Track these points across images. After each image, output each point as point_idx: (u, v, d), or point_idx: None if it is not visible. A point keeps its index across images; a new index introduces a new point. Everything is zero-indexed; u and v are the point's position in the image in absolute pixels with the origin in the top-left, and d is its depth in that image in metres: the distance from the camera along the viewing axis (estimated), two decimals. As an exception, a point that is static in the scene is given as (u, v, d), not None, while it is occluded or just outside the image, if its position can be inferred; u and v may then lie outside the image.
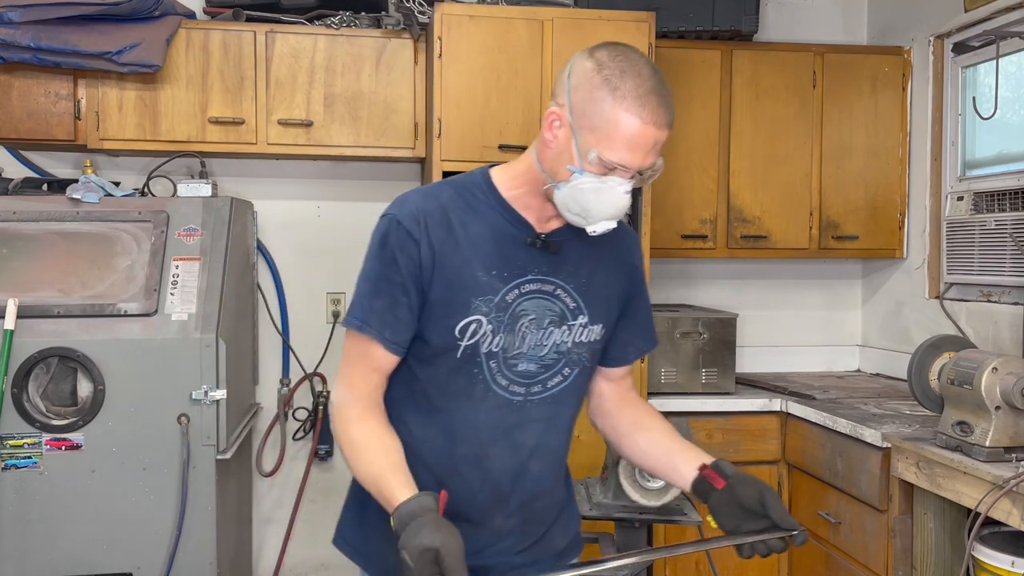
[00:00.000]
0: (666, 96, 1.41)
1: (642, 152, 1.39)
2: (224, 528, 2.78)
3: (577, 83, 1.42)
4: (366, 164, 3.56)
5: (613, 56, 1.42)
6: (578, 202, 1.42)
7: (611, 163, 1.39)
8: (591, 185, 1.41)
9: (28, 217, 2.75)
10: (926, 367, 2.50)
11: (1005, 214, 3.06)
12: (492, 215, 1.52)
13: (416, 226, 1.48)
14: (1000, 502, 2.09)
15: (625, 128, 1.37)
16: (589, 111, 1.39)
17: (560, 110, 1.43)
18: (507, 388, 1.53)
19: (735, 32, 3.45)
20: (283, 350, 3.55)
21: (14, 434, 2.54)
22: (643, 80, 1.40)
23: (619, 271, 1.63)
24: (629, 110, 1.37)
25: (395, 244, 1.48)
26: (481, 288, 1.48)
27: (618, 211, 1.43)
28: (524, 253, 1.52)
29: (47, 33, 2.85)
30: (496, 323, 1.49)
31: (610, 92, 1.38)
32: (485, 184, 1.54)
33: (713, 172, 3.50)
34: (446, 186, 1.55)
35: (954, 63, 3.42)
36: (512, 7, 3.10)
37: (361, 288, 1.52)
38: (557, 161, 1.44)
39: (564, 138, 1.42)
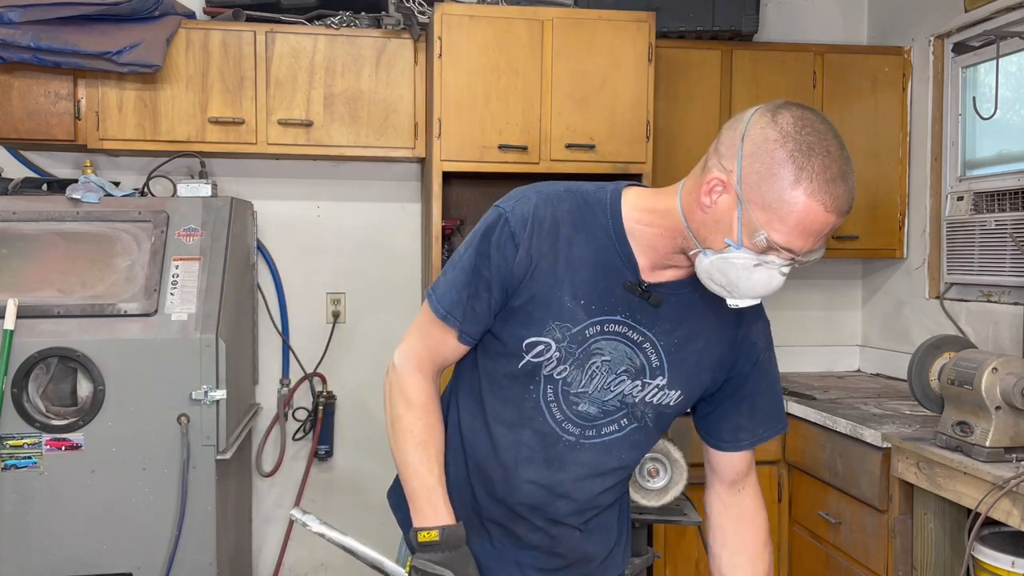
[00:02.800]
0: (851, 178, 1.26)
1: (814, 239, 1.26)
2: (224, 528, 2.78)
3: (754, 151, 1.25)
4: (366, 164, 3.56)
5: (800, 127, 1.24)
6: (726, 276, 1.30)
7: (778, 246, 1.25)
8: (745, 262, 1.28)
9: (28, 217, 2.75)
10: (926, 367, 2.50)
11: (1005, 214, 3.06)
12: (603, 241, 1.40)
13: (522, 230, 1.38)
14: (1000, 502, 2.09)
15: (805, 215, 1.22)
16: (765, 187, 1.23)
17: (727, 177, 1.27)
18: (561, 424, 1.46)
19: (735, 32, 3.45)
20: (283, 350, 3.55)
21: (14, 434, 2.54)
22: (831, 161, 1.23)
23: (723, 342, 1.49)
24: (814, 196, 1.22)
25: (496, 240, 1.39)
26: (562, 314, 1.40)
27: (770, 292, 1.31)
28: (621, 292, 1.41)
29: (47, 33, 2.85)
30: (565, 353, 1.42)
31: (795, 171, 1.22)
32: (611, 205, 1.42)
33: (713, 172, 3.49)
34: (569, 195, 1.43)
35: (954, 63, 3.42)
36: (512, 7, 3.10)
37: (453, 273, 1.45)
38: (712, 229, 1.30)
39: (725, 207, 1.28)
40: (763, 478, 3.24)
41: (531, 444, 1.47)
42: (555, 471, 1.48)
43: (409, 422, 1.47)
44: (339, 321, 3.59)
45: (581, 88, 3.08)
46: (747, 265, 1.28)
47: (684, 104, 3.44)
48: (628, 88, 3.10)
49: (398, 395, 1.49)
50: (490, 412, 1.49)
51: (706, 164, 1.32)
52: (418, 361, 1.49)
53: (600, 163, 3.11)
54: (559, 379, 1.43)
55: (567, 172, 3.13)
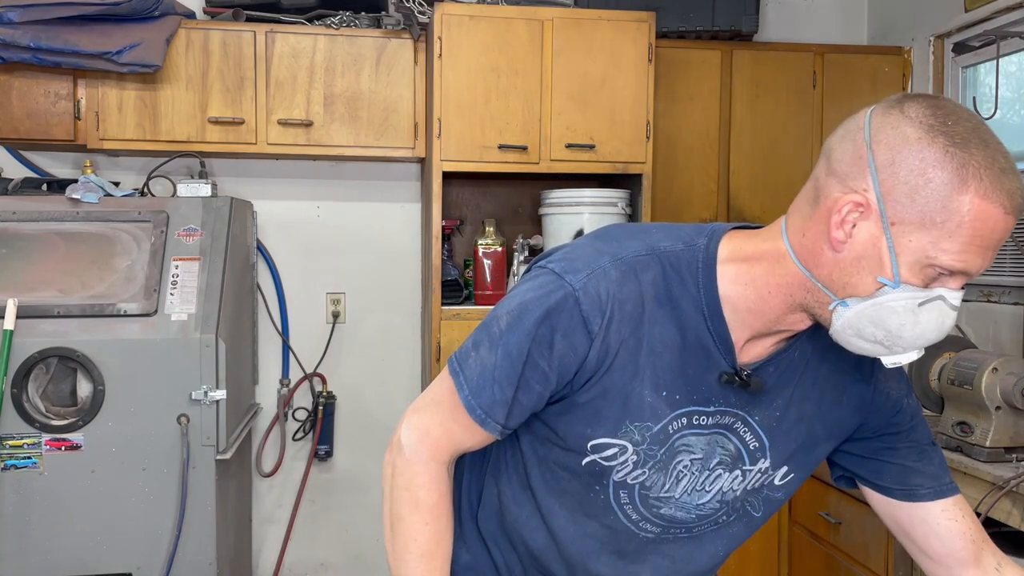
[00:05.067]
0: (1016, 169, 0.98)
1: (992, 251, 0.98)
2: (224, 528, 2.78)
3: (892, 158, 0.97)
4: (366, 164, 3.56)
5: (943, 116, 0.97)
6: (884, 327, 1.00)
7: (948, 269, 0.97)
8: (908, 303, 0.99)
9: (28, 217, 2.75)
10: (926, 367, 2.50)
11: (1005, 214, 3.06)
12: (693, 317, 1.10)
13: (599, 316, 1.07)
14: (1000, 502, 2.09)
15: (981, 223, 0.94)
16: (921, 198, 0.95)
17: (863, 197, 0.98)
18: (637, 524, 1.20)
19: (735, 32, 3.45)
20: (283, 350, 3.55)
21: (14, 434, 2.54)
22: (994, 151, 0.96)
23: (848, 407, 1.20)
24: (987, 197, 0.94)
25: (562, 326, 1.08)
26: (641, 412, 1.11)
27: (942, 335, 1.04)
28: (713, 382, 1.12)
29: (47, 33, 2.85)
30: (645, 456, 1.13)
31: (957, 171, 0.94)
32: (703, 269, 1.10)
33: (713, 172, 3.50)
34: (653, 260, 1.10)
35: (954, 63, 3.42)
36: (512, 7, 3.10)
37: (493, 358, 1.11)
38: (852, 270, 1.00)
39: (868, 238, 0.98)
40: (763, 478, 3.25)
41: (600, 536, 1.21)
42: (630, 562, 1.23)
43: (414, 528, 1.17)
44: (339, 321, 3.59)
45: (581, 88, 3.08)
46: (910, 307, 0.99)
47: (684, 104, 3.44)
48: (628, 88, 3.10)
49: (403, 489, 1.18)
50: (543, 504, 1.21)
51: (819, 193, 1.03)
52: (433, 448, 1.18)
53: (600, 163, 3.11)
54: (634, 484, 1.16)
55: (567, 172, 3.13)
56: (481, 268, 3.19)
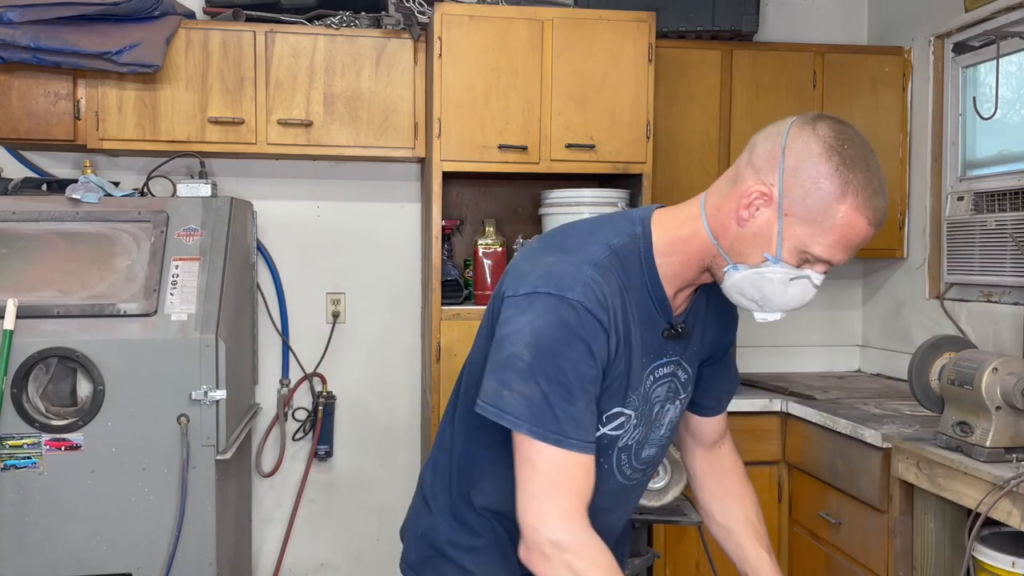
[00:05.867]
0: (887, 191, 1.26)
1: (852, 251, 1.26)
2: (224, 528, 2.77)
3: (796, 164, 1.23)
4: (366, 164, 3.56)
5: (842, 140, 1.23)
6: (760, 290, 1.29)
7: (817, 259, 1.26)
8: (782, 276, 1.27)
9: (28, 217, 2.75)
10: (926, 367, 2.50)
11: (1005, 214, 3.06)
12: (643, 295, 1.35)
13: (605, 315, 1.27)
14: (1000, 502, 2.09)
15: (850, 228, 1.23)
16: (810, 201, 1.22)
17: (769, 190, 1.25)
18: (629, 476, 1.45)
19: (735, 32, 3.45)
20: (283, 350, 3.55)
21: (14, 434, 2.54)
22: (872, 174, 1.23)
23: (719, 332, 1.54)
24: (859, 209, 1.22)
25: (589, 336, 1.25)
26: (634, 380, 1.35)
27: (802, 304, 1.32)
28: (660, 338, 1.39)
29: (47, 33, 2.85)
30: (640, 416, 1.39)
31: (840, 185, 1.21)
32: (645, 252, 1.35)
33: (713, 172, 3.49)
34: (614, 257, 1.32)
35: (954, 63, 3.42)
36: (512, 7, 3.10)
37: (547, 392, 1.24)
38: (748, 243, 1.28)
39: (765, 221, 1.26)
40: (763, 478, 3.25)
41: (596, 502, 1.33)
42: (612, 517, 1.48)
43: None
44: (339, 321, 3.59)
45: (581, 88, 3.08)
46: (783, 279, 1.27)
47: (684, 104, 3.44)
48: (628, 88, 3.10)
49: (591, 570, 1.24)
50: None
51: (737, 178, 1.29)
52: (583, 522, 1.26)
53: (600, 163, 3.11)
54: (631, 443, 1.41)
55: (567, 172, 3.13)
56: (481, 268, 3.19)
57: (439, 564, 1.47)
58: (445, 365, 3.03)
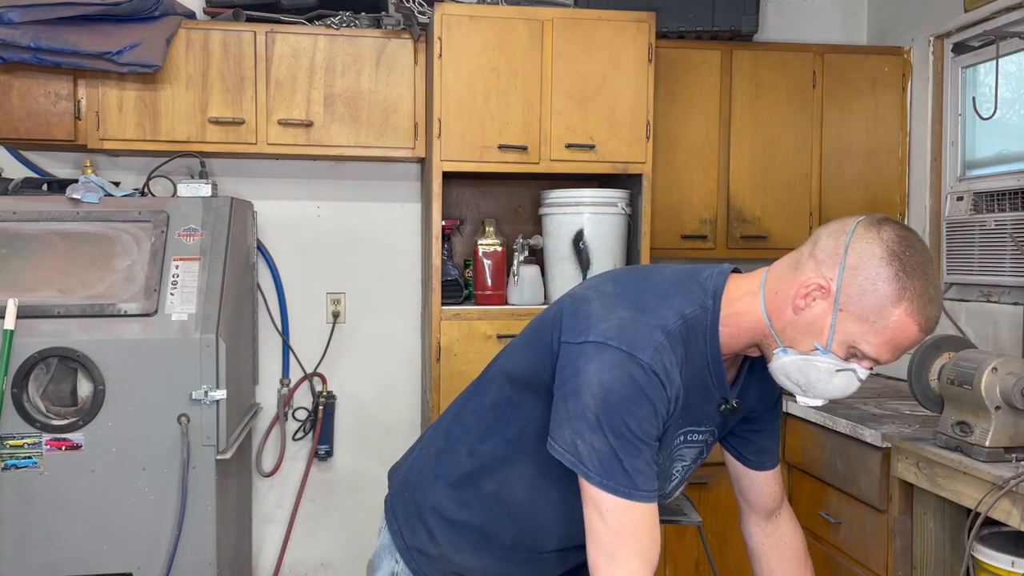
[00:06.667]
0: (941, 299, 1.33)
1: (900, 354, 1.32)
2: (224, 528, 2.78)
3: (858, 264, 1.29)
4: (366, 164, 3.57)
5: (905, 246, 1.28)
6: (806, 376, 1.35)
7: (864, 355, 1.32)
8: (829, 367, 1.33)
9: (28, 217, 2.75)
10: (926, 367, 2.50)
11: (1005, 214, 3.06)
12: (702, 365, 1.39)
13: (669, 382, 1.31)
14: (1000, 502, 2.09)
15: (901, 332, 1.28)
16: (865, 302, 1.28)
17: (827, 284, 1.30)
18: None
19: (735, 32, 3.45)
20: (283, 350, 3.55)
21: (14, 434, 2.54)
22: (930, 284, 1.28)
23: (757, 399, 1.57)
24: (912, 315, 1.27)
25: (655, 397, 1.30)
26: (667, 440, 1.40)
27: (844, 396, 1.37)
28: (711, 410, 1.44)
29: (47, 33, 2.85)
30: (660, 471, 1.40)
31: (898, 290, 1.27)
32: (712, 325, 1.38)
33: (713, 172, 3.50)
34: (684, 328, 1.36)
35: (954, 63, 3.42)
36: (512, 7, 3.10)
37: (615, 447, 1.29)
38: (801, 331, 1.33)
39: (819, 313, 1.32)
40: (763, 478, 3.25)
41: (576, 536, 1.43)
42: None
43: None
44: (339, 321, 3.59)
45: (581, 88, 3.08)
46: (830, 369, 1.33)
47: (684, 104, 3.44)
48: (628, 88, 3.10)
49: None
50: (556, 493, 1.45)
51: (799, 266, 1.35)
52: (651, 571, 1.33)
53: (600, 163, 3.12)
54: None
55: (567, 172, 3.13)
56: (481, 268, 3.19)
57: (414, 522, 1.57)
58: (445, 365, 3.03)
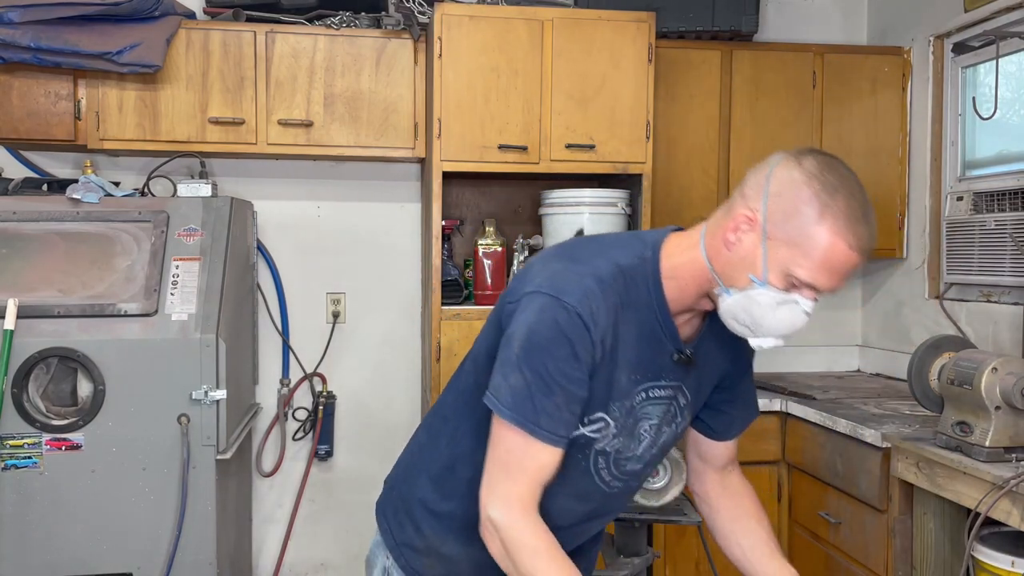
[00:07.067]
0: (873, 220, 1.31)
1: (838, 277, 1.31)
2: (224, 528, 2.78)
3: (779, 190, 1.30)
4: (366, 164, 3.56)
5: (823, 168, 1.30)
6: (750, 314, 1.34)
7: (801, 282, 1.30)
8: (770, 300, 1.32)
9: (28, 217, 2.75)
10: (926, 367, 2.50)
11: (1005, 214, 3.06)
12: (648, 315, 1.40)
13: (595, 326, 1.33)
14: (1000, 502, 2.09)
15: (830, 251, 1.27)
16: (790, 224, 1.28)
17: (753, 215, 1.31)
18: (608, 483, 1.50)
19: (735, 32, 3.45)
20: (283, 350, 3.55)
21: (14, 434, 2.54)
22: (854, 201, 1.28)
23: (729, 360, 1.57)
24: (838, 233, 1.27)
25: (576, 339, 1.32)
26: (621, 391, 1.41)
27: (793, 331, 1.37)
28: (666, 362, 1.44)
29: (47, 33, 2.85)
30: (620, 427, 1.43)
31: (819, 210, 1.27)
32: (652, 274, 1.40)
33: (713, 172, 3.50)
34: (620, 276, 1.38)
35: (954, 63, 3.42)
36: (512, 7, 3.10)
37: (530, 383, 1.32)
38: (736, 267, 1.34)
39: (750, 244, 1.32)
40: (763, 478, 3.25)
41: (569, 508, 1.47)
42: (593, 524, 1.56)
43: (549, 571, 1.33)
44: (339, 321, 3.59)
45: (581, 88, 3.08)
46: (771, 303, 1.32)
47: (684, 104, 3.44)
48: (628, 88, 3.10)
49: (520, 551, 1.34)
50: None
51: (730, 207, 1.36)
52: (522, 507, 1.35)
53: (600, 163, 3.12)
54: (611, 451, 1.45)
55: (567, 172, 3.13)
56: (481, 268, 3.19)
57: (402, 518, 1.59)
58: (445, 365, 3.03)
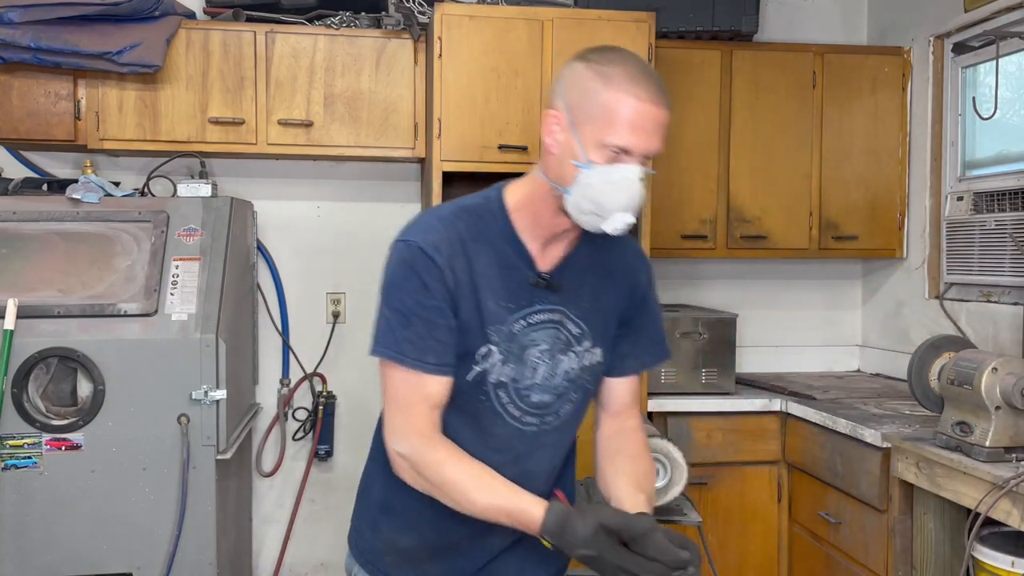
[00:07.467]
0: (658, 78, 1.43)
1: (645, 133, 1.40)
2: (224, 528, 2.78)
3: (569, 83, 1.44)
4: (366, 164, 3.56)
5: (600, 52, 1.45)
6: (590, 199, 1.40)
7: (616, 147, 1.38)
8: (600, 177, 1.39)
9: (28, 217, 2.75)
10: (926, 367, 2.50)
11: (1005, 214, 3.06)
12: (501, 246, 1.50)
13: (438, 254, 1.44)
14: (1000, 502, 2.09)
15: (625, 107, 1.38)
16: (585, 103, 1.40)
17: (557, 112, 1.44)
18: (520, 419, 1.54)
19: (735, 32, 3.45)
20: (283, 350, 3.55)
21: (14, 434, 2.54)
22: (631, 66, 1.42)
23: (621, 292, 1.62)
24: (624, 90, 1.38)
25: (422, 270, 1.44)
26: (493, 317, 1.48)
27: (632, 200, 1.41)
28: (529, 287, 1.51)
29: (47, 33, 2.85)
30: (506, 353, 1.49)
31: (602, 80, 1.40)
32: (498, 210, 1.52)
33: (713, 172, 3.50)
34: (462, 213, 1.51)
35: (954, 63, 3.42)
36: (512, 7, 3.10)
37: (389, 318, 1.47)
38: (562, 163, 1.43)
39: (565, 138, 1.42)
40: (763, 478, 3.25)
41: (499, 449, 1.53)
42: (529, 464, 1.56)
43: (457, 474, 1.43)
44: (339, 321, 3.59)
45: (581, 88, 3.08)
46: (601, 180, 1.39)
47: (684, 104, 3.44)
48: (628, 88, 3.10)
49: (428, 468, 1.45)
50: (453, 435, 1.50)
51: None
52: (419, 433, 1.46)
53: (600, 163, 3.11)
54: (507, 381, 1.51)
55: (567, 172, 3.13)
56: (481, 268, 3.19)
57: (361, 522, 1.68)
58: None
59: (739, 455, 3.23)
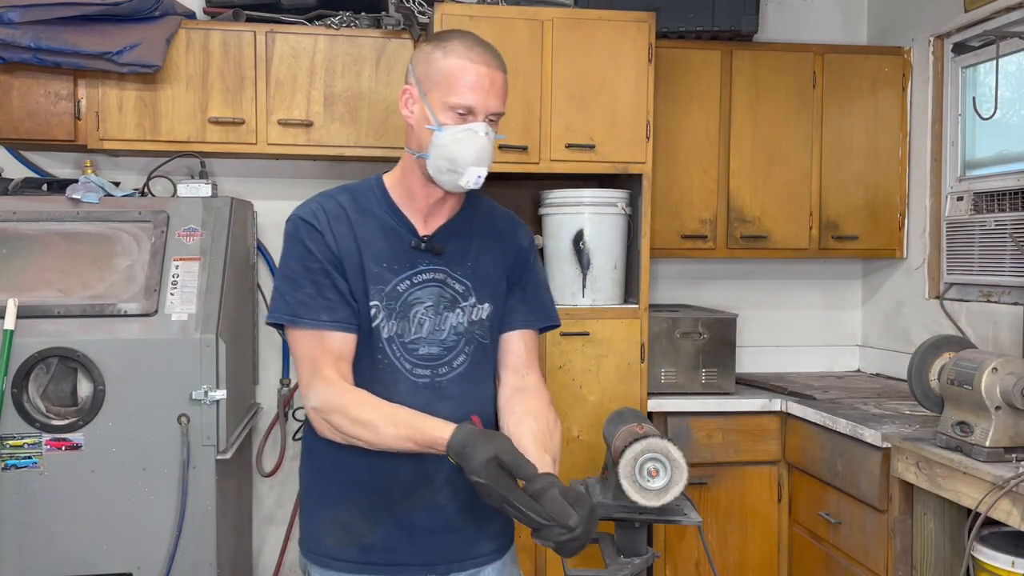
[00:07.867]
0: (490, 46, 1.65)
1: (483, 91, 1.60)
2: (224, 528, 2.78)
3: (417, 60, 1.66)
4: (366, 164, 3.56)
5: (441, 33, 1.68)
6: (445, 158, 1.60)
7: (460, 106, 1.59)
8: (449, 137, 1.59)
9: (28, 217, 2.75)
10: (926, 367, 2.50)
11: (1005, 214, 3.06)
12: (381, 215, 1.69)
13: (317, 221, 1.65)
14: (1000, 502, 2.09)
15: (462, 71, 1.59)
16: (430, 72, 1.62)
17: (410, 86, 1.66)
18: (411, 371, 1.67)
19: (735, 32, 3.45)
20: (283, 350, 3.55)
21: (14, 434, 2.54)
22: (468, 38, 1.64)
23: (504, 253, 1.78)
24: (460, 55, 1.60)
25: (304, 236, 1.64)
26: (375, 278, 1.65)
27: (481, 153, 1.60)
28: (411, 251, 1.68)
29: (47, 33, 2.85)
30: (388, 311, 1.65)
31: (442, 51, 1.61)
32: (377, 187, 1.73)
33: (713, 172, 3.50)
34: (344, 191, 1.72)
35: (954, 63, 3.42)
36: (512, 7, 3.10)
37: (280, 287, 1.65)
38: (419, 132, 1.64)
39: (419, 108, 1.64)
40: (763, 478, 3.25)
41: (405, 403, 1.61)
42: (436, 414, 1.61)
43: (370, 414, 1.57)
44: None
45: (581, 88, 3.08)
46: (451, 139, 1.59)
47: (684, 104, 3.44)
48: (628, 88, 3.10)
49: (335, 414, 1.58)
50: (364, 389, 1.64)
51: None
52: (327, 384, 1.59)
53: (600, 163, 3.12)
54: (394, 336, 1.66)
55: (567, 172, 3.14)
56: (481, 268, 3.19)
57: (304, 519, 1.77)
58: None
59: (739, 455, 3.22)
